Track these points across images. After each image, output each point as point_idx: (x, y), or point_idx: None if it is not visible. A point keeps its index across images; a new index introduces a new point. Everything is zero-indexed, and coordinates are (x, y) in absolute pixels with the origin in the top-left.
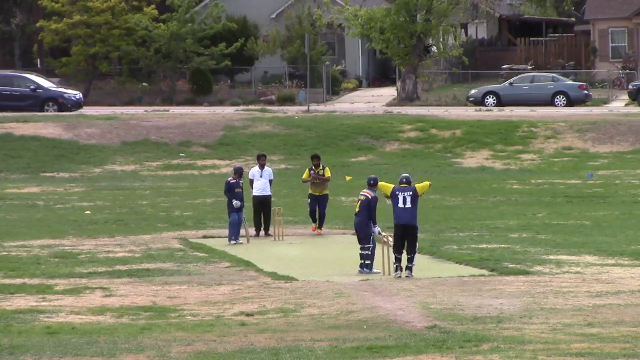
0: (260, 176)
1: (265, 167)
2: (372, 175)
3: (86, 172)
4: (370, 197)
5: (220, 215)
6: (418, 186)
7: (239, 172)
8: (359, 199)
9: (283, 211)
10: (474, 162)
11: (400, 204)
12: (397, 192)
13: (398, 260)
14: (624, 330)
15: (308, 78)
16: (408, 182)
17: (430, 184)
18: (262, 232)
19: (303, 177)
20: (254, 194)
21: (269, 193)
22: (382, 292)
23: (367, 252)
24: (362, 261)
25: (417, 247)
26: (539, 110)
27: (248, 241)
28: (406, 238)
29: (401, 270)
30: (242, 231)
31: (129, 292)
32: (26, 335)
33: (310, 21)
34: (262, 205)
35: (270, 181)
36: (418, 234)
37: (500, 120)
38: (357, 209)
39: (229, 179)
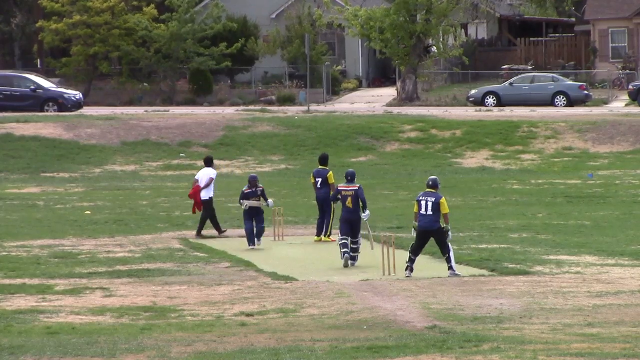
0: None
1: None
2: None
3: (86, 172)
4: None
5: (219, 215)
6: (443, 203)
7: (252, 182)
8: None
9: (283, 211)
10: (474, 162)
11: (423, 210)
12: (420, 198)
13: (411, 260)
14: (624, 330)
15: (308, 78)
16: (434, 185)
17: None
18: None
19: (333, 181)
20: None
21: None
22: (382, 292)
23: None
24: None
25: (448, 247)
26: (539, 110)
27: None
28: (434, 239)
29: (411, 271)
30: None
31: (129, 292)
32: (26, 335)
33: (310, 21)
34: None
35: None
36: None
37: (500, 120)
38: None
39: (244, 188)
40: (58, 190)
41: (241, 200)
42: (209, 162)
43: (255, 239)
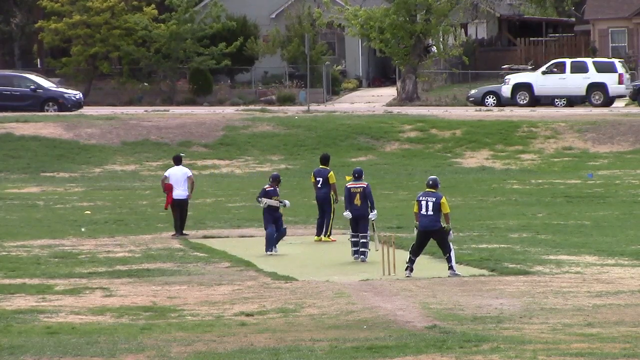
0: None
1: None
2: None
3: (86, 172)
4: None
5: (219, 215)
6: (443, 203)
7: (276, 180)
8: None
9: (283, 211)
10: (474, 162)
11: (423, 210)
12: (420, 198)
13: (411, 261)
14: (624, 330)
15: (308, 78)
16: (434, 185)
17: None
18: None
19: (334, 181)
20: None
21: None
22: (382, 292)
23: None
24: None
25: (449, 247)
26: (539, 110)
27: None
28: (434, 240)
29: (411, 271)
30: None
31: (129, 292)
32: (26, 335)
33: (310, 21)
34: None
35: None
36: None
37: (500, 120)
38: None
39: (266, 186)
40: (58, 190)
41: (259, 198)
42: (179, 161)
43: (274, 247)
